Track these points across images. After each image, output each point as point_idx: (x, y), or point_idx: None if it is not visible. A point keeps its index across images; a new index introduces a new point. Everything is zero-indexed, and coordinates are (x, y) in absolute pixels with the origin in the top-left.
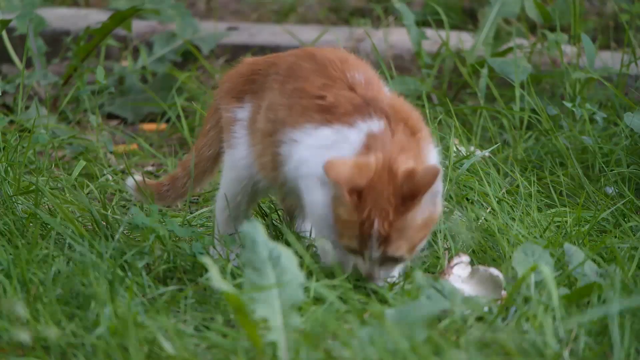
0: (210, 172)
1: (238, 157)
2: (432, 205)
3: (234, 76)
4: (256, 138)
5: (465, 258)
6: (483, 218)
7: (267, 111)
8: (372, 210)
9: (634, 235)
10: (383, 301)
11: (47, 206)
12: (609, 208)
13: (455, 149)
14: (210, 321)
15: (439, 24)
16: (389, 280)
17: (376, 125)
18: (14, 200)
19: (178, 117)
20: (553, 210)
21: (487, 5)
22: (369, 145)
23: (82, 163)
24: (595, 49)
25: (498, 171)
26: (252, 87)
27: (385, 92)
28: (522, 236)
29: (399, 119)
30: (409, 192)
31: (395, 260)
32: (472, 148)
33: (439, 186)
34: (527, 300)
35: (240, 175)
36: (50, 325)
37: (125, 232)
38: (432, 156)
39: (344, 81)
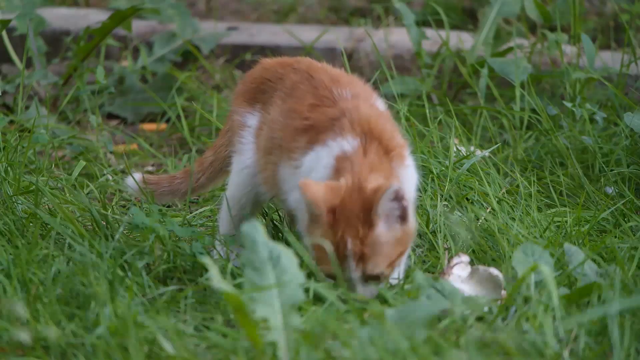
0: (226, 171)
1: (243, 165)
2: (399, 221)
3: (248, 79)
4: (259, 152)
5: (465, 258)
6: (483, 218)
7: (268, 128)
8: (345, 230)
9: (634, 235)
10: (383, 301)
11: (47, 206)
12: (609, 208)
13: (455, 149)
14: (210, 321)
15: (439, 24)
16: (391, 282)
17: (349, 144)
18: (14, 200)
19: (178, 117)
20: (553, 210)
21: (487, 5)
22: (338, 168)
23: (82, 163)
24: (595, 49)
25: (498, 171)
26: (262, 96)
27: (374, 106)
28: (522, 236)
29: (374, 137)
30: (371, 208)
31: (377, 278)
32: (472, 148)
33: (405, 202)
34: (527, 300)
35: (244, 182)
36: (50, 325)
37: (125, 232)
38: (405, 174)
39: (329, 99)
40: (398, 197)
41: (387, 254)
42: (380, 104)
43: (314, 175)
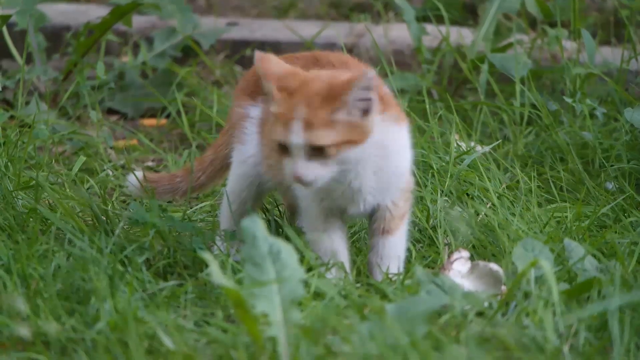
0: (226, 169)
1: (247, 154)
2: (361, 114)
3: (249, 75)
4: (264, 139)
5: (465, 253)
6: (483, 213)
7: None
8: (299, 100)
9: (634, 230)
10: (383, 296)
11: (47, 201)
12: (609, 203)
13: (455, 144)
14: (210, 316)
15: (439, 20)
16: (391, 270)
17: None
18: (14, 195)
19: (178, 112)
20: (553, 205)
21: (487, 1)
22: None
23: (82, 158)
24: (595, 44)
25: (498, 166)
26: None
27: (382, 87)
28: (522, 231)
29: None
30: (341, 91)
31: (321, 153)
32: (472, 143)
33: (369, 96)
34: (527, 295)
35: (247, 172)
36: (50, 320)
37: (125, 227)
38: (403, 130)
39: None
40: (369, 87)
41: (336, 132)
42: (387, 89)
43: None
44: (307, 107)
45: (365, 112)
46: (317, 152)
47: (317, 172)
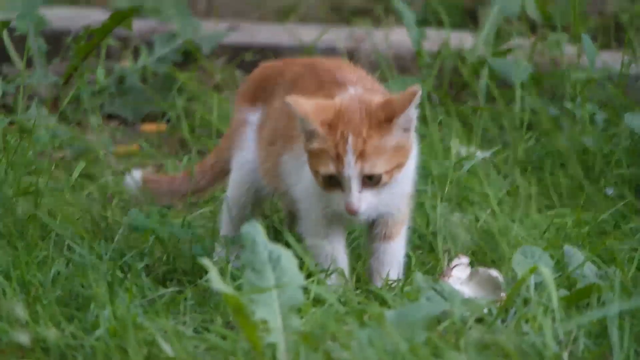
0: (227, 175)
1: (245, 159)
2: (405, 133)
3: (249, 81)
4: (262, 144)
5: (465, 259)
6: (483, 219)
7: (271, 120)
8: (345, 130)
9: (634, 236)
10: (383, 303)
11: (47, 207)
12: (609, 209)
13: (455, 150)
14: (209, 323)
15: (440, 24)
16: (391, 276)
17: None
18: (13, 201)
19: (178, 117)
20: (553, 211)
21: (487, 5)
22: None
23: (82, 164)
24: (596, 49)
25: (498, 172)
26: (264, 94)
27: (380, 90)
28: (522, 238)
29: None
30: (385, 115)
31: (374, 182)
32: (472, 149)
33: (413, 114)
34: (526, 301)
35: (245, 178)
36: (49, 326)
37: (124, 233)
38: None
39: (334, 82)
40: (416, 106)
41: (387, 159)
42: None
43: None
44: (357, 137)
45: (407, 130)
46: (370, 181)
47: (369, 200)
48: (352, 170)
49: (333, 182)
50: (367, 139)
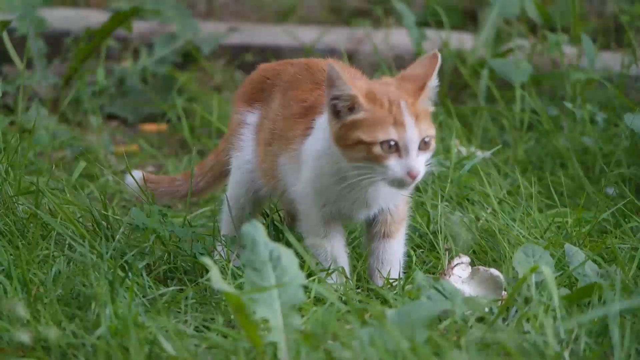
0: (227, 175)
1: (243, 160)
2: (429, 103)
3: (247, 82)
4: (260, 145)
5: (466, 259)
6: (484, 219)
7: (269, 121)
8: (392, 99)
9: (635, 235)
10: (384, 302)
11: (47, 207)
12: (610, 209)
13: (456, 149)
14: (210, 322)
15: (440, 25)
16: (392, 275)
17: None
18: (14, 200)
19: (178, 118)
20: (554, 211)
21: (487, 6)
22: None
23: (83, 164)
24: (595, 49)
25: (498, 172)
26: (262, 95)
27: None
28: (523, 237)
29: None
30: (414, 84)
31: (427, 146)
32: (472, 149)
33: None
34: (527, 300)
35: (244, 179)
36: (50, 325)
37: (125, 232)
38: None
39: None
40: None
41: (430, 124)
42: None
43: (317, 141)
44: (407, 102)
45: (430, 100)
46: (425, 144)
47: (423, 167)
48: (413, 133)
49: (386, 150)
50: (414, 105)
